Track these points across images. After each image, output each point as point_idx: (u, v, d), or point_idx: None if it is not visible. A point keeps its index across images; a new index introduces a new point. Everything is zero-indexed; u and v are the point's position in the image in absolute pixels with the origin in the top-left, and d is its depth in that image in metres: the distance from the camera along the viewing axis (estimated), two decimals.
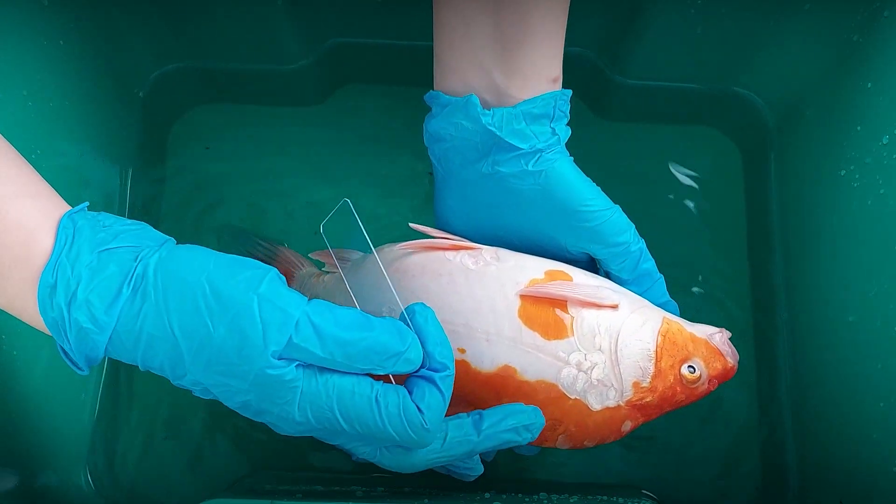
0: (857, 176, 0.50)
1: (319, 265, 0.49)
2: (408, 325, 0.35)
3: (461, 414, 0.39)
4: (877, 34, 0.49)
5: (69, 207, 0.34)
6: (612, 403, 0.41)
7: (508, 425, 0.39)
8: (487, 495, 0.46)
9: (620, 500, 0.49)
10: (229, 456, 0.57)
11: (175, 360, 0.32)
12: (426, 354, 0.35)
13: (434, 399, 0.34)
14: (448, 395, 0.35)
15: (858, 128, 0.50)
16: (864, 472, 0.48)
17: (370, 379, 0.34)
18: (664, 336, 0.41)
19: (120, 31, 0.54)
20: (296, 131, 0.63)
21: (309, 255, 0.48)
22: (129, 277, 0.32)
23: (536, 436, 0.40)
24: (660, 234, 0.39)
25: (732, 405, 0.58)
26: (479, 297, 0.41)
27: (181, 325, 0.31)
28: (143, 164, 0.59)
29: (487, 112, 0.42)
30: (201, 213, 0.50)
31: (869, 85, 0.49)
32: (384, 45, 0.59)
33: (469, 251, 0.43)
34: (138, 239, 0.34)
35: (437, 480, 0.56)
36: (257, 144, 0.62)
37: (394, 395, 0.34)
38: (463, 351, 0.41)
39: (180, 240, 0.36)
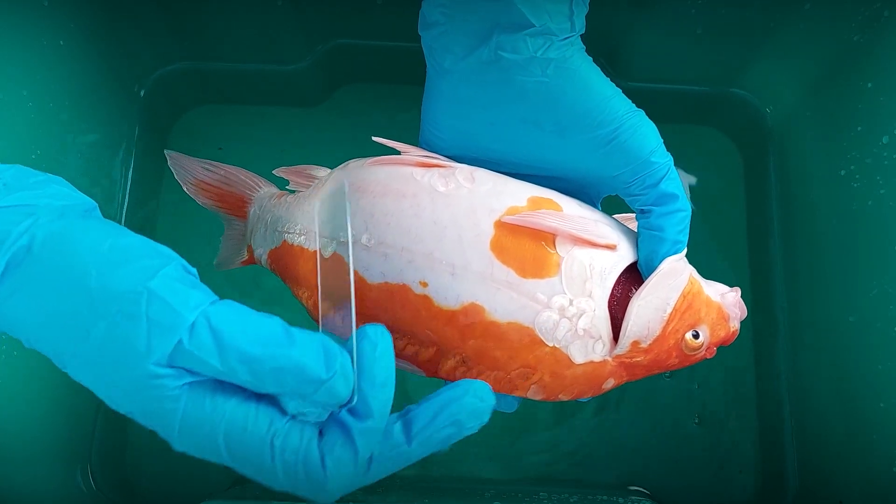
0: (857, 176, 0.50)
1: (282, 184, 0.45)
2: (350, 351, 0.29)
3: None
4: (877, 34, 0.49)
5: None
6: (597, 358, 0.36)
7: (446, 420, 0.30)
8: (487, 495, 0.46)
9: (620, 500, 0.49)
10: None
11: (56, 353, 0.28)
12: (357, 391, 0.28)
13: (345, 454, 0.28)
14: (365, 453, 0.28)
15: (858, 128, 0.50)
16: (864, 473, 0.48)
17: (276, 413, 0.28)
18: (684, 297, 0.37)
19: (120, 31, 0.54)
20: (296, 131, 0.63)
21: (273, 171, 0.44)
22: (10, 247, 0.27)
23: (486, 420, 0.31)
24: None
25: (732, 404, 0.58)
26: (445, 223, 0.36)
27: (59, 316, 0.27)
28: (142, 163, 0.59)
29: None
30: (200, 212, 0.50)
31: (869, 85, 0.49)
32: (384, 45, 0.59)
33: (441, 170, 0.38)
34: (41, 198, 0.29)
35: (437, 481, 0.56)
36: (257, 144, 0.62)
37: (296, 439, 0.28)
38: (425, 284, 0.36)
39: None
